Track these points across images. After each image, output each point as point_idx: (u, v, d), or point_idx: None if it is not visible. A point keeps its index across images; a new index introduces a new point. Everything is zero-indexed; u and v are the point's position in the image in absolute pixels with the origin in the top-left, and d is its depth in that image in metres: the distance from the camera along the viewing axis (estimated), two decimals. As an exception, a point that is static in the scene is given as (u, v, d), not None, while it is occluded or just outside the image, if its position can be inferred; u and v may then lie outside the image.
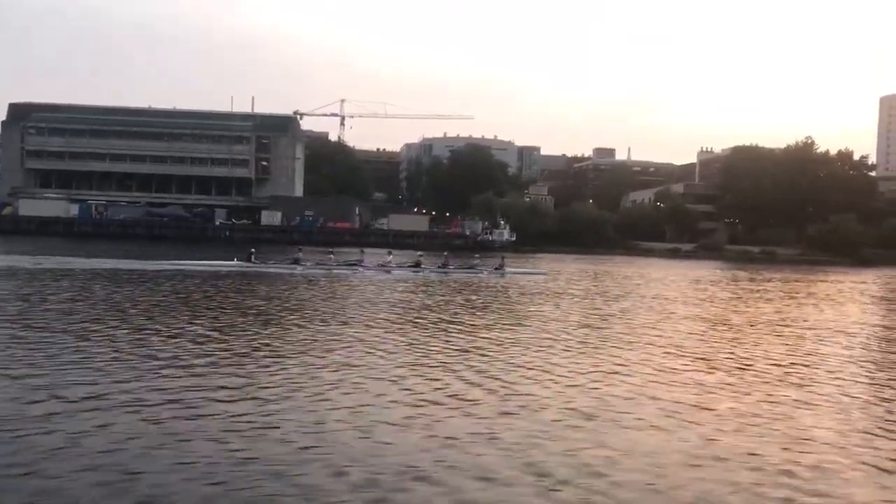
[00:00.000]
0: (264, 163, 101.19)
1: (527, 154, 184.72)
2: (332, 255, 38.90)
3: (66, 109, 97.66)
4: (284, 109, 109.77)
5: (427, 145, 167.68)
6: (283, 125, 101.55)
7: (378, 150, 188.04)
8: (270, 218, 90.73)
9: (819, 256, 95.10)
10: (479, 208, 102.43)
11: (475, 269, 39.58)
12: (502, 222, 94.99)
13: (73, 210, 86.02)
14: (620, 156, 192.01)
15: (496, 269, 39.81)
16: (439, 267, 39.27)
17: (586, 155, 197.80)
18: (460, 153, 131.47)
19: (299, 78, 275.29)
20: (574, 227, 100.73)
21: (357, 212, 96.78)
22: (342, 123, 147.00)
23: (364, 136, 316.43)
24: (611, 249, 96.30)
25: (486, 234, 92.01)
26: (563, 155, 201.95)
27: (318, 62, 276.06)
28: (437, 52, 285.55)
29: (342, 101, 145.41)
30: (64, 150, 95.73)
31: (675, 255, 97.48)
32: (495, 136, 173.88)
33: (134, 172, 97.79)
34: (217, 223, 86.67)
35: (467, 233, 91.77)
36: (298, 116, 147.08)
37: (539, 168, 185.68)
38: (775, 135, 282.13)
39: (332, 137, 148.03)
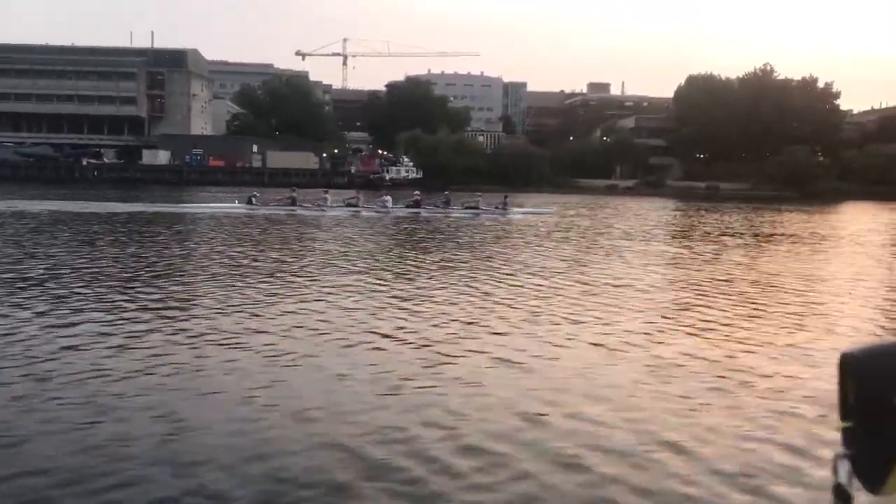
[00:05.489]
0: (160, 100, 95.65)
1: (512, 90, 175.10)
2: (327, 197, 38.75)
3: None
4: (286, 51, 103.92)
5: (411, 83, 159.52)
6: (178, 60, 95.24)
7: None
8: (153, 157, 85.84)
9: (768, 191, 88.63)
10: (404, 146, 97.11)
11: (478, 210, 38.86)
12: (404, 159, 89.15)
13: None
14: (616, 91, 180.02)
15: (497, 208, 39.12)
16: (440, 206, 38.85)
17: (583, 91, 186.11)
18: (397, 88, 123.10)
19: (299, 17, 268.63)
20: (504, 164, 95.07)
21: (255, 150, 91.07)
22: (344, 63, 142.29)
23: (371, 77, 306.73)
24: (540, 187, 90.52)
25: (384, 171, 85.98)
26: (562, 91, 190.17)
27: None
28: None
29: (344, 40, 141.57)
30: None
31: (611, 192, 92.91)
32: (482, 73, 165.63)
33: (21, 112, 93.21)
34: (84, 163, 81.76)
35: (352, 170, 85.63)
36: (301, 57, 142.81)
37: (526, 104, 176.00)
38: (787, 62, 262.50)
39: (337, 77, 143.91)
